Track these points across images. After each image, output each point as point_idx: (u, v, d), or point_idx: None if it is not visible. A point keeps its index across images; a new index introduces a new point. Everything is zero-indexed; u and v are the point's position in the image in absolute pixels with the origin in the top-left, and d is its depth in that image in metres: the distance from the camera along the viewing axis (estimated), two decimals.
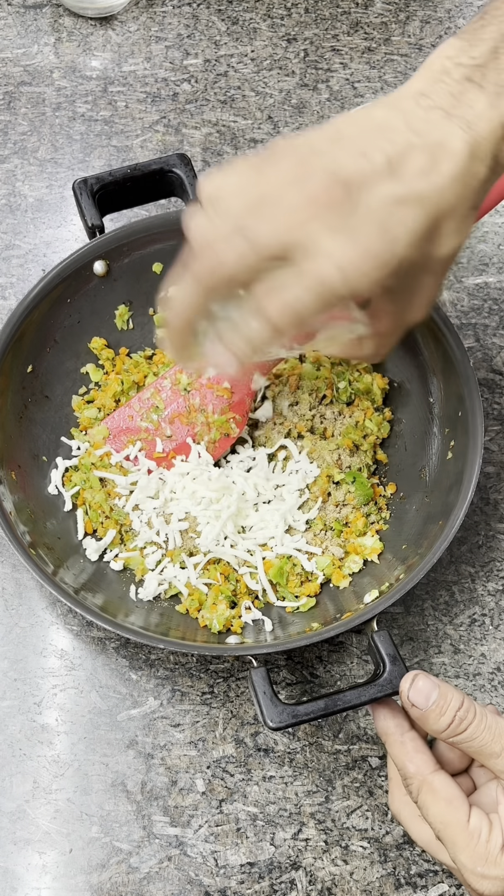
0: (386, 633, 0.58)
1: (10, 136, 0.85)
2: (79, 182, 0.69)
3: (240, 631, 0.64)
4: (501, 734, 0.53)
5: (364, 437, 0.70)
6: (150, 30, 0.92)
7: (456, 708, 0.53)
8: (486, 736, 0.53)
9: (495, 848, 0.52)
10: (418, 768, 0.55)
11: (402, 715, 0.57)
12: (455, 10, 0.95)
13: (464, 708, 0.53)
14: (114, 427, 0.69)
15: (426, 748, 0.56)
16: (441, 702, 0.54)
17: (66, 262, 0.68)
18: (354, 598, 0.65)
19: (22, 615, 0.67)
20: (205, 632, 0.64)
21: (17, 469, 0.66)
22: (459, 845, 0.53)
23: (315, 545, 0.67)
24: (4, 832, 0.60)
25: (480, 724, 0.53)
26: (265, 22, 0.93)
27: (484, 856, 0.52)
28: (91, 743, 0.63)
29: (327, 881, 0.60)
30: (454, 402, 0.66)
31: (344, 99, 0.89)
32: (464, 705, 0.53)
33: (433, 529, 0.63)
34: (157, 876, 0.60)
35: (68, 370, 0.71)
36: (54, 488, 0.68)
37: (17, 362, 0.67)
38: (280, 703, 0.56)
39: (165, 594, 0.66)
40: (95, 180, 0.69)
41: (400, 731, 0.56)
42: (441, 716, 0.53)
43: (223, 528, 0.66)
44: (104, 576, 0.66)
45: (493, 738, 0.53)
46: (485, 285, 0.81)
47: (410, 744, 0.56)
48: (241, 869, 0.60)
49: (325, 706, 0.56)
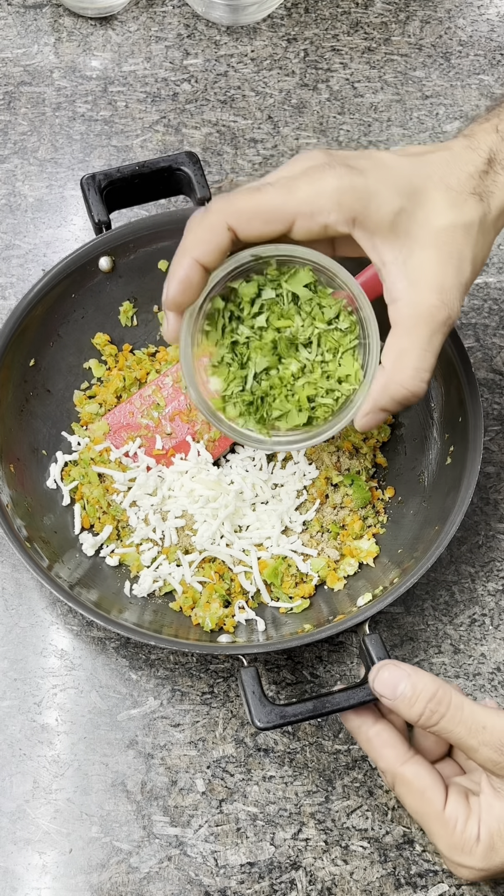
0: (377, 636, 0.58)
1: (10, 136, 0.85)
2: (87, 178, 0.69)
3: (232, 630, 0.64)
4: (478, 730, 0.52)
5: (364, 440, 0.70)
6: (150, 30, 0.92)
7: (427, 698, 0.53)
8: (460, 731, 0.52)
9: (470, 838, 0.52)
10: (388, 763, 0.55)
11: (366, 710, 0.56)
12: (455, 10, 0.95)
13: (436, 699, 0.53)
14: (114, 423, 0.69)
15: (396, 739, 0.55)
16: (410, 693, 0.53)
17: (72, 257, 0.68)
18: (348, 601, 0.65)
19: (22, 615, 0.67)
20: (197, 630, 0.64)
21: (15, 462, 0.66)
22: (435, 834, 0.54)
23: (311, 547, 0.67)
24: (4, 832, 0.60)
25: (454, 717, 0.53)
26: (265, 22, 0.93)
27: (459, 845, 0.53)
28: (91, 743, 0.63)
29: (327, 881, 0.60)
30: (454, 407, 0.66)
31: (344, 99, 0.89)
32: (436, 696, 0.53)
33: (430, 534, 0.63)
34: (157, 876, 0.60)
35: (71, 365, 0.71)
36: (53, 483, 0.68)
37: (19, 356, 0.67)
38: (269, 702, 0.56)
39: (160, 591, 0.66)
40: (104, 176, 0.69)
41: (365, 728, 0.56)
42: (411, 706, 0.53)
43: (220, 526, 0.66)
44: (99, 571, 0.66)
45: (469, 733, 0.52)
46: (485, 285, 0.81)
47: (376, 739, 0.56)
48: (241, 869, 0.60)
49: (314, 707, 0.56)
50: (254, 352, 0.56)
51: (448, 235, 0.52)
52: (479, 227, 0.52)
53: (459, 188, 0.52)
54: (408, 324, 0.52)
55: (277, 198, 0.50)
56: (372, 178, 0.50)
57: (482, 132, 0.54)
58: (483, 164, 0.53)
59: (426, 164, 0.52)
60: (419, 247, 0.51)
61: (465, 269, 0.52)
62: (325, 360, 0.57)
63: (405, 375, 0.53)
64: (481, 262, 0.54)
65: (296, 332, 0.56)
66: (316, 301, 0.56)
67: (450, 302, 0.52)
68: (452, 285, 0.52)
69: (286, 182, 0.50)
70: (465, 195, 0.52)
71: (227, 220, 0.50)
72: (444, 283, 0.52)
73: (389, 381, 0.53)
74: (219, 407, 0.58)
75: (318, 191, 0.50)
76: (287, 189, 0.50)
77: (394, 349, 0.53)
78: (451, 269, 0.52)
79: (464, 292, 0.53)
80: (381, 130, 0.88)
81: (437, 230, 0.51)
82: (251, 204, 0.50)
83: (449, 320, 0.52)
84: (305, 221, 0.50)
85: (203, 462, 0.68)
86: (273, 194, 0.50)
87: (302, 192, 0.50)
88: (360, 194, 0.50)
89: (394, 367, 0.53)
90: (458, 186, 0.52)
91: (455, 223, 0.51)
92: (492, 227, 0.54)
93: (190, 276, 0.51)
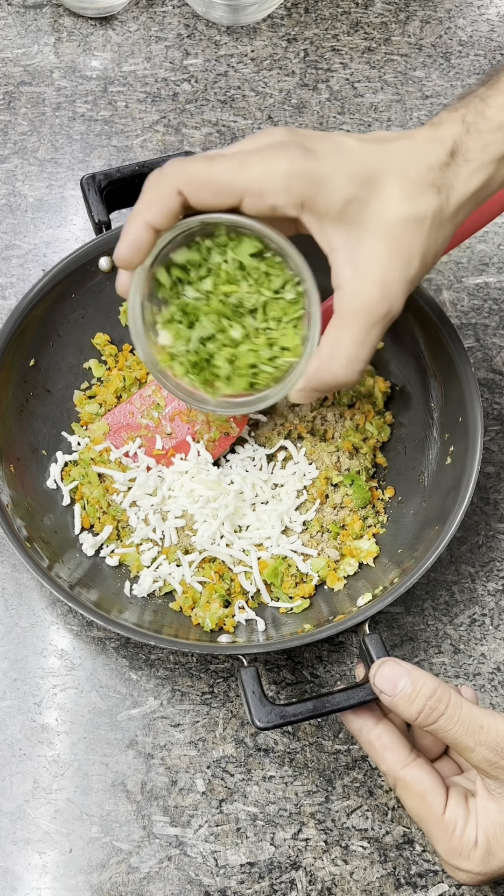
0: (377, 636, 0.58)
1: (10, 136, 0.85)
2: (87, 178, 0.69)
3: (232, 630, 0.64)
4: (475, 729, 0.52)
5: (364, 440, 0.70)
6: (150, 30, 0.92)
7: (427, 696, 0.53)
8: (458, 729, 0.52)
9: (468, 843, 0.53)
10: (389, 766, 0.55)
11: (368, 712, 0.56)
12: (455, 10, 0.95)
13: (435, 697, 0.53)
14: (114, 423, 0.69)
15: (398, 742, 0.55)
16: (410, 689, 0.53)
17: (72, 257, 0.68)
18: (348, 601, 0.65)
19: (22, 615, 0.67)
20: (197, 630, 0.64)
21: (15, 462, 0.66)
22: (434, 838, 0.54)
23: (311, 547, 0.67)
24: (4, 832, 0.60)
25: (453, 716, 0.53)
26: (265, 22, 0.93)
27: (458, 850, 0.53)
28: (91, 743, 0.63)
29: (327, 881, 0.60)
30: (455, 407, 0.66)
31: (344, 99, 0.89)
32: (436, 694, 0.53)
33: (430, 534, 0.63)
34: (157, 876, 0.60)
35: (71, 365, 0.71)
36: (53, 483, 0.68)
37: (19, 356, 0.67)
38: (269, 702, 0.56)
39: (160, 591, 0.66)
40: (103, 176, 0.69)
41: (366, 730, 0.56)
42: (410, 703, 0.53)
43: (219, 527, 0.66)
44: (99, 571, 0.66)
45: (467, 732, 0.52)
46: (485, 285, 0.81)
47: (377, 742, 0.56)
48: (241, 869, 0.60)
49: (314, 707, 0.56)
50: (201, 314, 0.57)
51: (399, 228, 0.51)
52: (434, 220, 0.51)
53: (418, 179, 0.51)
54: (348, 314, 0.52)
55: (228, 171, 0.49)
56: (326, 164, 0.50)
57: (449, 121, 0.52)
58: (446, 155, 0.51)
59: (387, 152, 0.51)
60: (368, 237, 0.51)
61: (413, 263, 0.52)
62: (269, 327, 0.57)
63: (338, 365, 0.53)
64: (434, 257, 0.53)
65: (241, 297, 0.56)
66: (263, 269, 0.56)
67: (392, 297, 0.52)
68: (397, 280, 0.51)
69: (241, 157, 0.50)
70: (422, 187, 0.51)
71: (178, 185, 0.50)
72: (388, 277, 0.51)
73: (322, 367, 0.54)
74: (166, 363, 0.59)
75: (269, 171, 0.49)
76: (239, 164, 0.49)
77: (331, 336, 0.53)
78: (397, 264, 0.51)
79: (410, 287, 0.52)
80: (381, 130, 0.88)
81: (389, 222, 0.50)
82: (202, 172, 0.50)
83: (389, 314, 0.52)
84: (254, 199, 0.50)
85: (203, 462, 0.68)
86: (224, 167, 0.49)
87: (253, 170, 0.49)
88: (310, 179, 0.49)
89: (329, 354, 0.53)
90: (417, 177, 0.51)
91: (408, 216, 0.51)
92: (449, 221, 0.52)
93: (140, 236, 0.52)
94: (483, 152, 0.51)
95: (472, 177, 0.52)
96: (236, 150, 0.51)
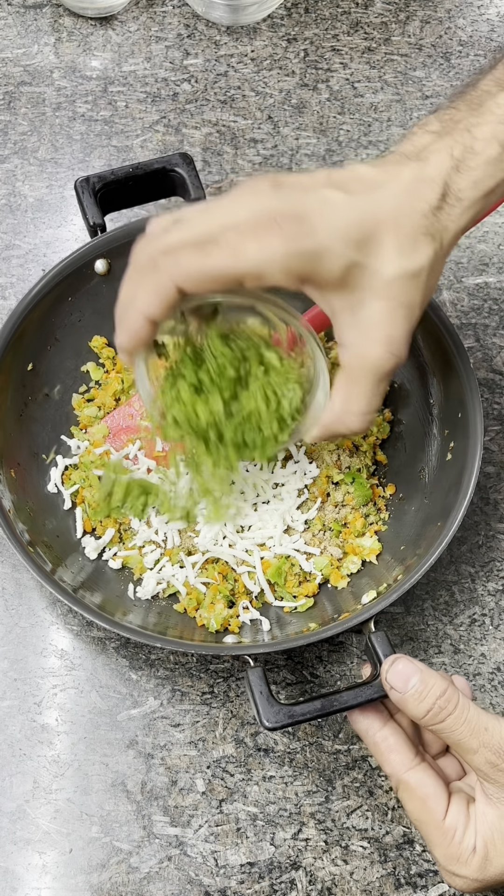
0: (383, 633, 0.58)
1: (10, 136, 0.85)
2: (81, 181, 0.69)
3: (237, 630, 0.64)
4: (480, 731, 0.53)
5: (364, 438, 0.70)
6: (150, 30, 0.92)
7: (437, 695, 0.53)
8: (464, 730, 0.53)
9: (467, 849, 0.53)
10: (393, 768, 0.55)
11: (375, 714, 0.57)
12: (455, 10, 0.95)
13: (445, 696, 0.53)
14: (114, 425, 0.69)
15: (403, 744, 0.56)
16: (421, 687, 0.53)
17: (68, 260, 0.68)
18: (352, 599, 0.65)
19: (22, 615, 0.67)
20: (202, 631, 0.64)
21: (16, 467, 0.66)
22: (433, 843, 0.54)
23: (314, 545, 0.67)
24: (4, 832, 0.60)
25: (460, 716, 0.53)
26: (265, 22, 0.93)
27: (456, 856, 0.53)
28: (91, 743, 0.63)
29: (327, 881, 0.60)
30: (454, 403, 0.66)
31: (344, 99, 0.89)
32: (446, 694, 0.53)
33: (432, 530, 0.63)
34: (157, 876, 0.60)
35: (69, 368, 0.71)
36: (54, 486, 0.68)
37: (17, 360, 0.67)
38: (276, 702, 0.56)
39: (164, 593, 0.66)
40: (98, 179, 0.69)
41: (373, 731, 0.56)
42: (420, 701, 0.53)
43: (222, 527, 0.66)
44: (103, 574, 0.66)
45: (472, 733, 0.53)
46: (485, 285, 0.81)
47: (383, 743, 0.56)
48: (241, 869, 0.60)
49: (322, 706, 0.56)
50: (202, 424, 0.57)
51: (399, 285, 0.51)
52: (431, 269, 0.51)
53: (412, 230, 0.50)
54: (356, 374, 0.54)
55: (224, 262, 0.49)
56: (321, 233, 0.49)
57: (435, 155, 0.51)
58: (437, 199, 0.50)
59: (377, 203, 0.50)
60: (370, 298, 0.51)
61: (415, 314, 0.52)
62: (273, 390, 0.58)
63: (352, 420, 0.56)
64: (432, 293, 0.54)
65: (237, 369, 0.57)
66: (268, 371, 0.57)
67: (397, 351, 0.53)
68: (402, 335, 0.52)
69: (234, 243, 0.49)
70: (417, 237, 0.50)
71: (176, 282, 0.50)
72: (393, 334, 0.52)
73: (337, 420, 0.56)
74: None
75: (265, 257, 0.49)
76: (233, 252, 0.49)
77: (342, 392, 0.55)
78: (400, 320, 0.52)
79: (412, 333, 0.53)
80: (381, 130, 0.88)
81: (388, 281, 0.50)
82: (198, 267, 0.50)
83: (396, 367, 0.53)
84: (254, 282, 0.50)
85: None
86: (220, 258, 0.49)
87: (248, 257, 0.49)
88: (307, 257, 0.49)
89: (342, 409, 0.55)
90: (411, 228, 0.50)
91: (406, 272, 0.50)
92: (443, 260, 0.53)
93: (140, 331, 0.52)
94: (474, 189, 0.51)
95: (463, 214, 0.51)
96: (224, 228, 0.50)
